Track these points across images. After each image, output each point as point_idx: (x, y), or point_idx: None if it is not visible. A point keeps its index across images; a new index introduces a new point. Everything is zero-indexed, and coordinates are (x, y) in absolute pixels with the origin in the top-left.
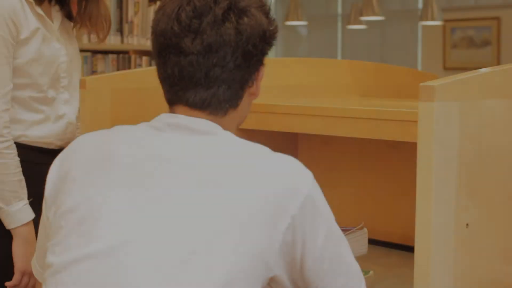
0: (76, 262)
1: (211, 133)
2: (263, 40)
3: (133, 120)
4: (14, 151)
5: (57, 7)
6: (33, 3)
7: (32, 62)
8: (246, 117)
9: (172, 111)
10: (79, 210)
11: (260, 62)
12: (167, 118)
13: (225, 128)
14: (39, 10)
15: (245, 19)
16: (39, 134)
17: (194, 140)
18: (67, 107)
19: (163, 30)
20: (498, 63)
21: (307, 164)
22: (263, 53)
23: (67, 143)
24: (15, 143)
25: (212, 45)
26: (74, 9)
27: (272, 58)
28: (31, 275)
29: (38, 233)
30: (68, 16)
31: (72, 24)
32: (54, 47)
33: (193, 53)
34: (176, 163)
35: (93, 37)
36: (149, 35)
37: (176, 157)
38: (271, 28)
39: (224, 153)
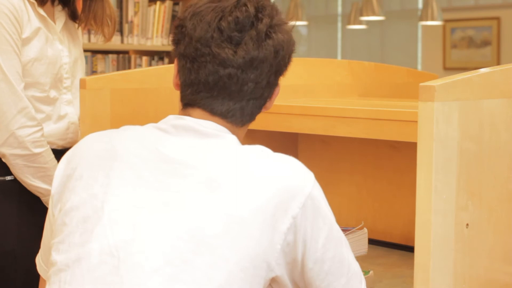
0: (78, 261)
1: (216, 136)
2: (290, 57)
3: (133, 120)
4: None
5: (59, 7)
6: (35, 4)
7: (34, 62)
8: None
9: (186, 113)
10: (83, 208)
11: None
12: (174, 120)
13: (234, 134)
14: (41, 11)
15: (280, 36)
16: None
17: (199, 142)
18: (70, 107)
19: (201, 37)
20: (498, 63)
21: (307, 164)
22: (286, 69)
23: (70, 143)
24: None
25: (253, 61)
26: (79, 7)
27: None
28: None
29: (44, 230)
30: (73, 16)
31: (76, 25)
32: (57, 48)
33: (234, 66)
34: (180, 165)
35: (93, 37)
36: (149, 35)
37: (180, 159)
38: (294, 47)
39: (226, 155)
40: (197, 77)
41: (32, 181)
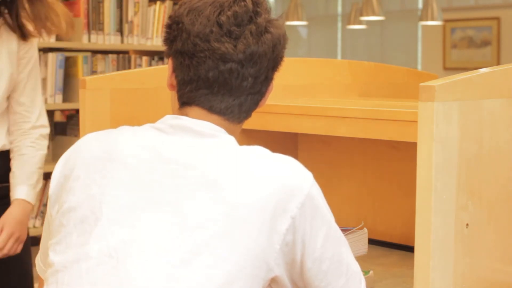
0: (77, 262)
1: (213, 136)
2: (284, 51)
3: (133, 120)
4: None
5: None
6: None
7: None
8: None
9: (183, 112)
10: (81, 209)
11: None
12: (171, 119)
13: (231, 133)
14: None
15: (277, 31)
16: None
17: (196, 142)
18: None
19: (200, 32)
20: (498, 63)
21: (307, 164)
22: (280, 65)
23: None
24: None
25: (253, 55)
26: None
27: None
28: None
29: (43, 230)
30: (16, 27)
31: (12, 36)
32: None
33: (234, 60)
34: (177, 165)
35: (93, 37)
36: (149, 35)
37: (177, 159)
38: (287, 42)
39: (225, 155)
40: (196, 73)
41: None
